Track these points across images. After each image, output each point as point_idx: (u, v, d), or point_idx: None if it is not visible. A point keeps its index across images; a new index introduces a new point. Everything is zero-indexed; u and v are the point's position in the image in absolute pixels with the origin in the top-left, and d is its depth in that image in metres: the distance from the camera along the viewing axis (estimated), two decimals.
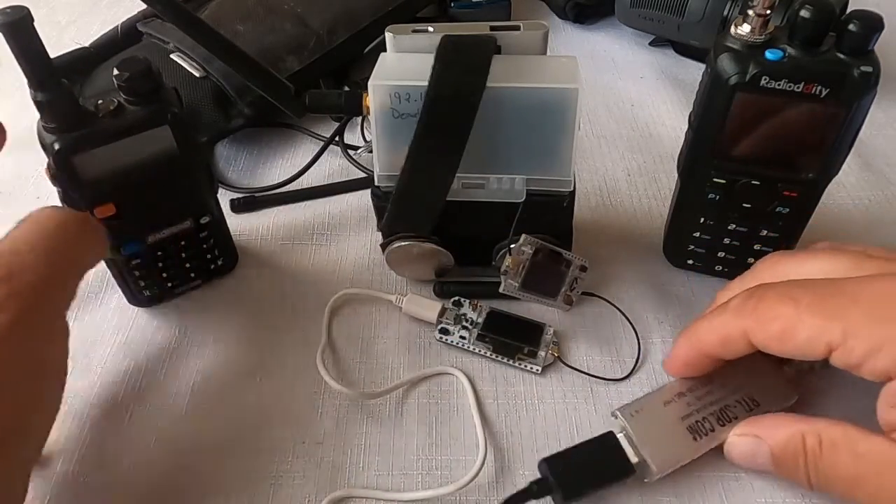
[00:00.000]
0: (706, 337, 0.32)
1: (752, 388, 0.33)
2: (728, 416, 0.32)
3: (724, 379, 0.33)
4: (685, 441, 0.32)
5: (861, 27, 0.30)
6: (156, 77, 0.34)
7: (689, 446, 0.32)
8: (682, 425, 0.32)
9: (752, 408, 0.33)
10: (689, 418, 0.32)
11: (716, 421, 0.32)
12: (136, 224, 0.37)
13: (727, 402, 0.33)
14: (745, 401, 0.33)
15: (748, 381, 0.33)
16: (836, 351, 0.27)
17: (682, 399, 0.33)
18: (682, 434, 0.32)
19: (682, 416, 0.33)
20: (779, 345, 0.28)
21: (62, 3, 0.73)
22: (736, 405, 0.33)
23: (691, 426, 0.32)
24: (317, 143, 0.53)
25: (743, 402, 0.33)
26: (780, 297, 0.29)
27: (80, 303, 0.42)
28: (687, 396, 0.33)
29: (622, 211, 0.47)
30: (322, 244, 0.46)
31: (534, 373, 0.37)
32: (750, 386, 0.33)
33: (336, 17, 0.56)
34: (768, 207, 0.36)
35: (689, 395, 0.33)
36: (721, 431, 0.32)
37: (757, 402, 0.33)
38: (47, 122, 0.33)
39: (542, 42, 0.35)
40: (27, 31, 0.29)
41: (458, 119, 0.33)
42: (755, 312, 0.29)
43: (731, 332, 0.30)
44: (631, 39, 0.65)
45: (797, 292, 0.28)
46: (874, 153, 0.51)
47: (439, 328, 0.39)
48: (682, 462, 0.32)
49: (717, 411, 0.33)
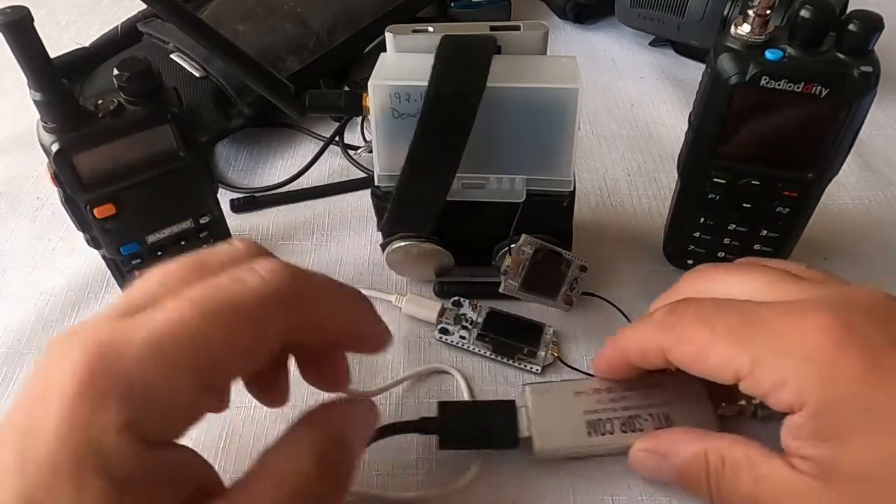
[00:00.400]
0: (628, 345, 0.32)
1: (673, 408, 0.33)
2: (634, 426, 0.32)
3: (649, 389, 0.33)
4: (579, 433, 0.32)
5: (861, 27, 0.30)
6: (156, 77, 0.34)
7: (581, 439, 0.32)
8: (582, 418, 0.33)
9: (662, 425, 0.32)
10: (592, 414, 0.33)
11: (619, 425, 0.32)
12: (136, 224, 0.37)
13: (639, 413, 0.33)
14: (659, 416, 0.33)
15: (672, 400, 0.33)
16: (744, 380, 0.27)
17: (595, 395, 0.33)
18: (579, 426, 0.32)
19: (586, 410, 0.33)
20: (692, 365, 0.28)
21: (62, 3, 0.73)
22: (648, 418, 0.32)
23: (592, 422, 0.32)
24: (317, 143, 0.53)
25: (655, 417, 0.33)
26: (698, 319, 0.28)
27: (81, 303, 0.42)
28: (601, 394, 0.33)
29: (622, 211, 0.47)
30: (322, 244, 0.46)
31: (533, 373, 0.37)
32: (672, 405, 0.33)
33: (336, 17, 0.56)
34: (768, 207, 0.36)
35: (603, 394, 0.33)
36: (621, 437, 0.32)
37: (672, 422, 0.32)
38: (47, 122, 0.33)
39: (542, 42, 0.35)
40: (27, 31, 0.29)
41: (458, 119, 0.33)
42: (673, 330, 0.29)
43: (649, 346, 0.30)
44: (631, 39, 0.65)
45: (713, 316, 0.28)
46: (874, 153, 0.51)
47: (439, 328, 0.39)
48: (569, 451, 0.32)
49: (626, 417, 0.33)
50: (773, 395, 0.26)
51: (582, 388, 0.34)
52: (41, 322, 0.41)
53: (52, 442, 0.20)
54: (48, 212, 0.49)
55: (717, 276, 0.32)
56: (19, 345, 0.40)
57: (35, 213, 0.49)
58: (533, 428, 0.32)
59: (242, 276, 0.23)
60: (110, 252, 0.38)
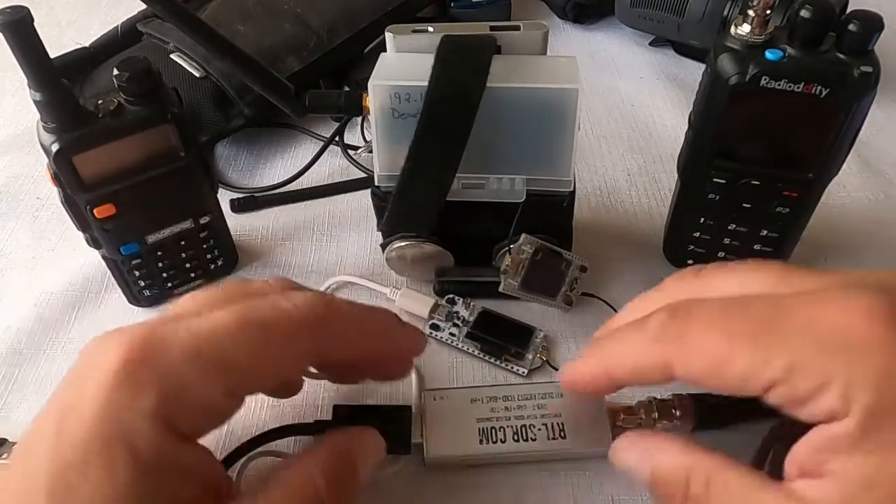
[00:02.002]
0: (619, 361, 0.26)
1: (568, 420, 0.33)
2: (526, 435, 0.32)
3: (545, 400, 0.33)
4: (470, 440, 0.32)
5: (861, 27, 0.30)
6: (156, 77, 0.34)
7: (472, 447, 0.32)
8: (475, 425, 0.33)
9: (555, 437, 0.32)
10: (485, 422, 0.33)
11: (511, 434, 0.32)
12: (136, 224, 0.37)
13: (532, 422, 0.33)
14: (553, 426, 0.33)
15: (567, 413, 0.33)
16: (777, 389, 0.22)
17: (490, 403, 0.33)
18: (471, 433, 0.33)
19: (479, 418, 0.33)
20: (708, 381, 0.24)
21: (62, 3, 0.73)
22: (542, 427, 0.33)
23: (484, 429, 0.33)
24: (317, 143, 0.53)
25: (548, 428, 0.33)
26: (708, 323, 0.24)
27: (81, 303, 0.42)
28: (497, 402, 0.33)
29: (622, 211, 0.47)
30: (322, 244, 0.46)
31: (520, 374, 0.37)
32: (566, 417, 0.33)
33: (336, 17, 0.56)
34: (768, 207, 0.36)
35: (499, 402, 0.34)
36: (513, 445, 0.32)
37: (564, 435, 0.32)
38: (47, 122, 0.33)
39: (542, 42, 0.35)
40: (27, 31, 0.29)
41: (458, 119, 0.33)
42: (679, 340, 0.24)
43: (647, 362, 0.25)
44: (631, 39, 0.65)
45: (729, 317, 0.23)
46: (874, 153, 0.51)
47: (430, 324, 0.39)
48: (460, 458, 0.32)
49: (518, 426, 0.33)
50: (812, 401, 0.22)
51: (478, 396, 0.34)
52: (41, 322, 0.41)
53: (87, 419, 0.22)
54: (48, 212, 0.49)
55: (716, 275, 0.27)
56: (19, 345, 0.40)
57: (35, 213, 0.49)
58: (426, 434, 0.32)
59: (278, 302, 0.25)
60: (110, 252, 0.38)
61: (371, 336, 0.29)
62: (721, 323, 0.24)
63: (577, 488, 0.32)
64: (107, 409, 0.22)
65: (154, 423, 0.22)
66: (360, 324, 0.28)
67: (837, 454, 0.22)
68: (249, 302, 0.25)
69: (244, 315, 0.24)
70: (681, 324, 0.24)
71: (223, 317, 0.24)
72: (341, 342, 0.27)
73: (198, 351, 0.23)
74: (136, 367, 0.22)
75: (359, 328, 0.28)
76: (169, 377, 0.23)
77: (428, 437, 0.32)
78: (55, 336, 0.40)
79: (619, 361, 0.26)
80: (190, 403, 0.23)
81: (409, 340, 0.31)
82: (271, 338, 0.25)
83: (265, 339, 0.25)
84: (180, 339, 0.23)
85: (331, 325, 0.27)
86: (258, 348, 0.24)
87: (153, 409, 0.22)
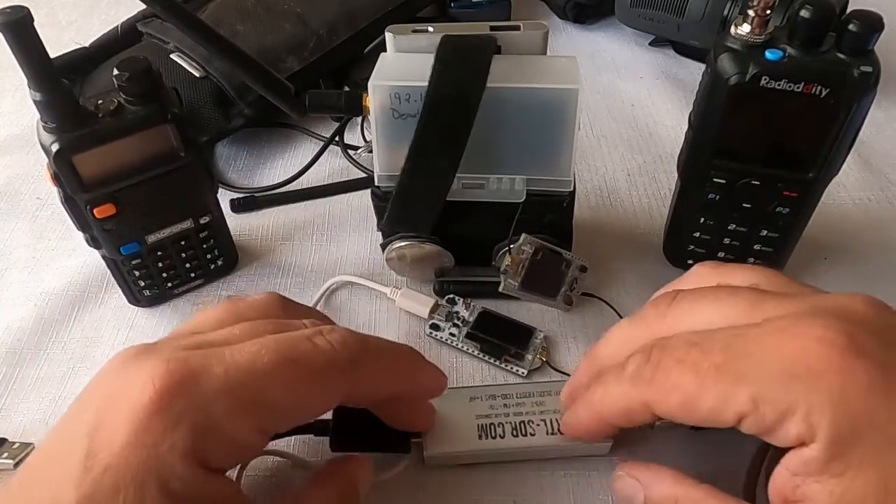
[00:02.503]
0: (608, 408, 0.28)
1: None
2: (525, 430, 0.32)
3: (544, 398, 0.34)
4: (469, 437, 0.32)
5: (861, 27, 0.30)
6: (156, 77, 0.34)
7: (471, 443, 0.32)
8: (474, 422, 0.33)
9: (554, 432, 0.32)
10: (485, 419, 0.33)
11: (510, 430, 0.33)
12: (136, 224, 0.37)
13: (531, 419, 0.33)
14: (551, 422, 0.33)
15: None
16: (747, 419, 0.23)
17: (489, 400, 0.34)
18: (471, 430, 0.33)
19: (478, 415, 0.33)
20: (684, 416, 0.25)
21: (62, 3, 0.73)
22: (540, 423, 0.33)
23: (483, 426, 0.33)
24: (317, 143, 0.53)
25: (547, 423, 0.33)
26: (676, 361, 0.25)
27: (81, 303, 0.42)
28: (496, 400, 0.34)
29: (622, 211, 0.47)
30: (322, 244, 0.46)
31: (519, 375, 0.37)
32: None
33: (336, 17, 0.56)
34: (768, 207, 0.36)
35: (498, 399, 0.34)
36: (512, 441, 0.32)
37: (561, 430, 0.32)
38: (47, 122, 0.33)
39: (542, 42, 0.35)
40: (27, 31, 0.29)
41: (458, 119, 0.33)
42: (653, 382, 0.25)
43: (630, 405, 0.27)
44: (631, 39, 0.65)
45: (695, 353, 0.25)
46: (874, 153, 0.51)
47: (430, 324, 0.39)
48: (459, 455, 0.32)
49: (517, 422, 0.33)
50: (779, 429, 0.23)
51: (477, 394, 0.34)
52: (41, 322, 0.41)
53: (120, 450, 0.22)
54: (48, 212, 0.49)
55: (685, 306, 0.28)
56: (19, 345, 0.40)
57: (35, 213, 0.49)
58: (425, 432, 0.32)
59: (315, 339, 0.25)
60: (110, 252, 0.38)
61: (399, 376, 0.29)
62: (690, 359, 0.25)
63: (577, 488, 0.32)
64: (140, 441, 0.22)
65: (186, 458, 0.22)
66: (390, 364, 0.29)
67: (810, 477, 0.23)
68: (286, 337, 0.25)
69: (281, 353, 0.24)
70: (653, 368, 0.26)
71: (259, 352, 0.24)
72: (372, 383, 0.27)
73: (233, 388, 0.23)
74: (171, 400, 0.22)
75: (389, 369, 0.28)
76: (202, 413, 0.23)
77: (427, 435, 0.32)
78: (55, 336, 0.40)
79: (608, 408, 0.28)
80: (221, 439, 0.23)
81: (433, 380, 0.31)
82: (308, 378, 0.25)
83: (301, 379, 0.24)
84: (216, 375, 0.23)
85: (364, 366, 0.27)
86: (294, 388, 0.24)
87: (187, 445, 0.22)
